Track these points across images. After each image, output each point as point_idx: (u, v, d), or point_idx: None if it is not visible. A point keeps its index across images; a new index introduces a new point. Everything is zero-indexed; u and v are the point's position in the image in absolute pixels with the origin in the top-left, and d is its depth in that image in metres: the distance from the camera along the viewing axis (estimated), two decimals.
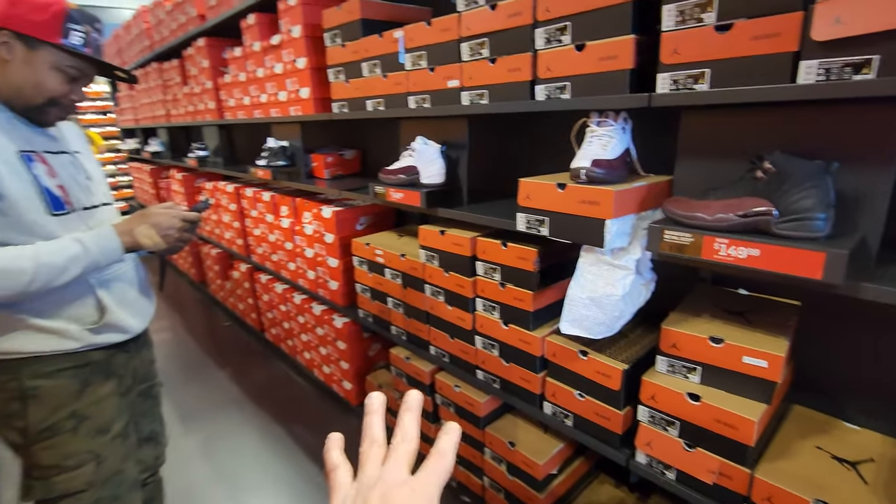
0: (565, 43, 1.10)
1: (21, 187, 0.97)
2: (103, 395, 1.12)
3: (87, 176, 1.16)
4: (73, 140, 1.20)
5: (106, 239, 1.02)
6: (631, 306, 1.10)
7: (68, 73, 1.02)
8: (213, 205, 1.17)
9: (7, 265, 0.90)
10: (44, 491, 1.07)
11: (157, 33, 3.71)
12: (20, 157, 0.99)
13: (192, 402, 2.60)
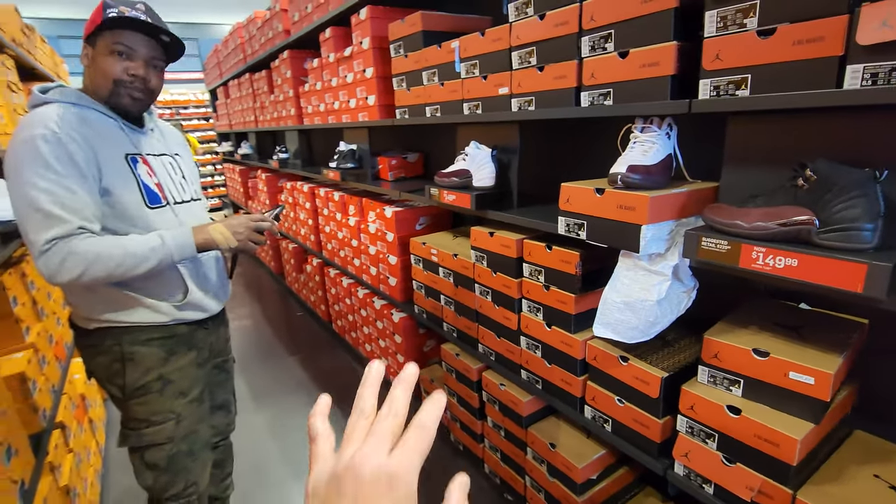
0: (609, 50, 1.11)
1: (125, 185, 1.14)
2: (184, 364, 1.29)
3: (182, 175, 1.34)
4: (175, 145, 1.39)
5: (182, 237, 1.16)
6: (669, 313, 1.09)
7: (117, 51, 1.13)
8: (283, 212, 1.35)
9: (101, 251, 1.06)
10: (135, 440, 1.26)
11: (249, 47, 4.08)
12: (127, 159, 1.17)
13: (265, 383, 2.86)
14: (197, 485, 1.35)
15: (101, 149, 1.11)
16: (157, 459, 1.27)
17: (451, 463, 2.11)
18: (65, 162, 1.05)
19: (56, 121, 1.07)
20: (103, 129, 1.15)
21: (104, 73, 1.14)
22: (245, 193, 5.17)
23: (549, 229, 1.33)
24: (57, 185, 1.03)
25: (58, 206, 1.03)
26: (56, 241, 1.04)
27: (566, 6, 1.19)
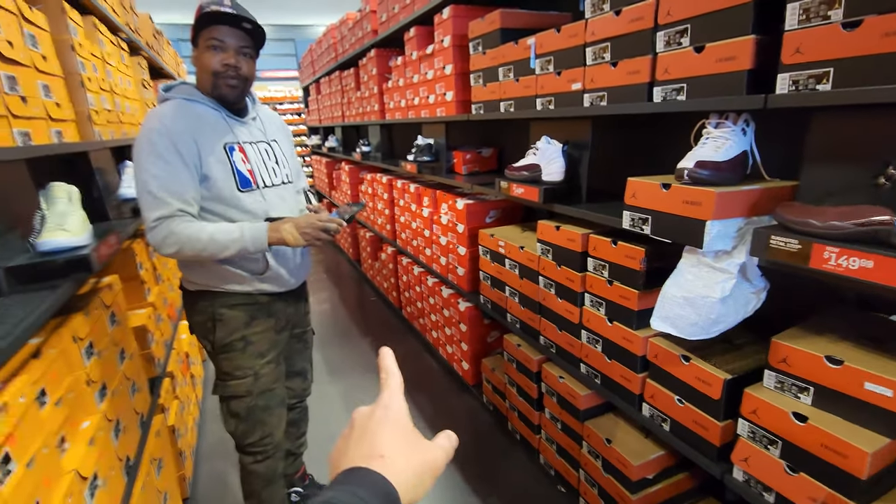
0: (684, 45, 1.10)
1: (221, 171, 1.30)
2: (263, 329, 1.45)
3: (276, 161, 1.47)
4: (275, 131, 1.52)
5: (258, 232, 1.28)
6: (734, 313, 1.07)
7: (212, 46, 1.28)
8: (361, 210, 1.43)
9: (192, 234, 1.23)
10: (221, 390, 1.46)
11: (340, 46, 4.36)
12: (225, 148, 1.33)
13: (339, 359, 3.08)
14: (272, 436, 1.51)
15: (203, 140, 1.28)
16: (238, 409, 1.45)
17: (509, 451, 2.17)
18: (171, 152, 1.22)
19: (168, 116, 1.25)
20: (208, 120, 1.32)
21: (205, 68, 1.30)
22: (329, 184, 5.52)
23: (614, 224, 1.34)
24: (164, 172, 1.22)
25: (163, 190, 1.22)
26: (161, 220, 1.22)
27: (642, 2, 1.19)
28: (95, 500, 1.06)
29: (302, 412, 1.83)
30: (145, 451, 1.44)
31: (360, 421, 0.43)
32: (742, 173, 1.09)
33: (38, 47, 1.26)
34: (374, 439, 0.41)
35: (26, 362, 0.97)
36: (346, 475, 0.38)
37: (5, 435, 0.79)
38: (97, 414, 1.18)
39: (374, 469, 0.37)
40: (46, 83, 1.27)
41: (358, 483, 0.37)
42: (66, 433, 1.04)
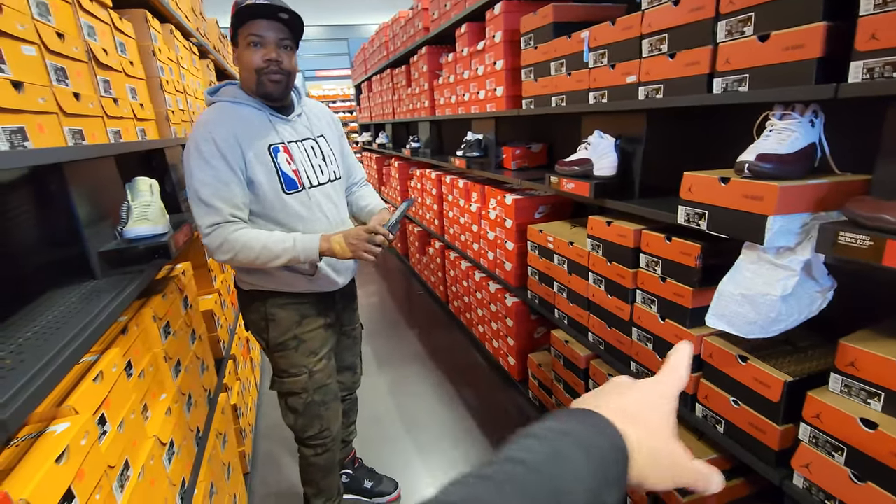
0: (748, 34, 1.06)
1: (266, 174, 1.30)
2: (315, 328, 1.47)
3: (323, 157, 1.44)
4: (321, 126, 1.49)
5: (309, 243, 1.29)
6: (796, 312, 1.02)
7: (252, 42, 1.25)
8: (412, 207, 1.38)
9: (246, 242, 1.25)
10: (278, 386, 1.50)
11: (392, 44, 4.45)
12: (270, 150, 1.31)
13: (387, 351, 3.17)
14: (330, 430, 1.55)
15: (248, 143, 1.27)
16: (296, 405, 1.49)
17: None
18: (218, 159, 1.23)
19: (213, 122, 1.25)
20: (253, 122, 1.31)
21: (247, 66, 1.28)
22: (379, 180, 5.65)
23: (668, 220, 1.31)
24: (214, 179, 1.23)
25: (215, 197, 1.23)
26: (216, 227, 1.25)
27: None
28: (172, 464, 1.17)
29: (352, 403, 1.89)
30: (212, 425, 1.56)
31: (619, 382, 0.41)
32: (809, 166, 1.04)
33: (126, 53, 1.39)
34: (625, 398, 0.38)
35: (116, 337, 1.08)
36: (579, 413, 0.35)
37: (102, 398, 0.89)
38: (173, 387, 1.30)
39: (616, 424, 0.34)
40: (133, 86, 1.40)
41: (586, 421, 0.34)
42: (148, 403, 1.15)
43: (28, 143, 0.79)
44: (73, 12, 1.06)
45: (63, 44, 0.97)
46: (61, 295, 1.08)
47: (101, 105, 1.13)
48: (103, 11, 1.24)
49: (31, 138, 0.80)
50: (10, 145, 0.74)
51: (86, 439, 0.77)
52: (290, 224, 1.36)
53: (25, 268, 1.15)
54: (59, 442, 0.72)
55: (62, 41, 0.97)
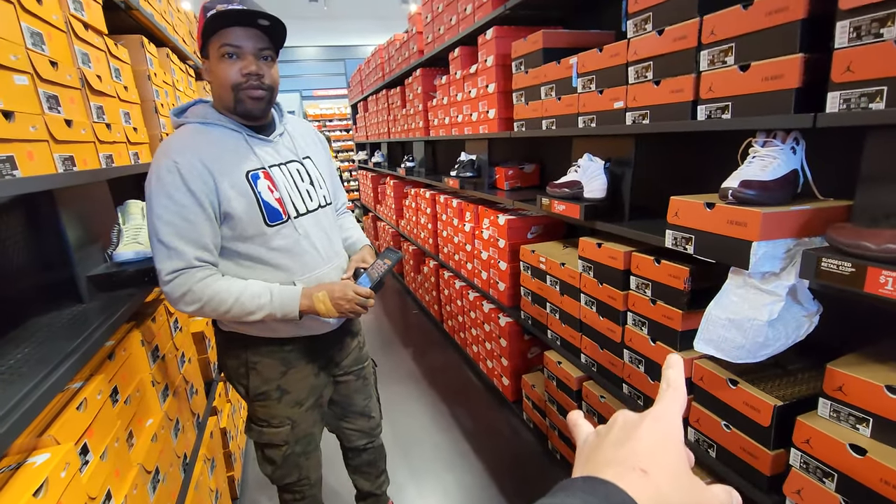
0: (729, 64, 1.09)
1: (245, 206, 1.12)
2: (301, 377, 1.31)
3: (311, 181, 1.27)
4: (307, 146, 1.33)
5: (289, 301, 1.15)
6: (783, 337, 1.03)
7: (226, 53, 1.08)
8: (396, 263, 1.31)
9: (215, 294, 1.10)
10: (257, 436, 1.34)
11: (387, 66, 4.52)
12: (248, 177, 1.14)
13: (381, 370, 3.09)
14: (309, 478, 1.43)
15: (221, 172, 1.10)
16: (275, 457, 1.35)
17: (549, 470, 2.14)
18: (183, 192, 1.06)
19: (177, 148, 1.09)
20: (227, 147, 1.14)
21: (222, 82, 1.11)
22: (374, 198, 5.68)
23: (656, 242, 1.32)
24: (176, 216, 1.06)
25: (176, 238, 1.07)
26: (177, 274, 1.09)
27: (686, 21, 1.19)
28: (157, 493, 1.15)
29: (377, 451, 1.64)
30: (200, 450, 1.54)
31: (624, 422, 0.37)
32: (791, 192, 1.06)
33: (121, 79, 1.41)
34: (637, 447, 0.34)
35: (103, 363, 1.07)
36: (589, 484, 0.31)
37: (86, 427, 0.88)
38: (160, 413, 1.28)
39: (624, 487, 0.30)
40: (127, 110, 1.41)
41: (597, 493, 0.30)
42: (134, 429, 1.13)
43: (17, 171, 0.79)
44: (67, 40, 1.08)
45: (56, 72, 0.99)
46: (47, 320, 1.07)
47: (94, 131, 1.14)
48: (98, 39, 1.26)
49: (20, 166, 0.80)
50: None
51: (66, 471, 0.76)
52: (276, 261, 1.19)
53: (11, 291, 1.15)
54: (38, 474, 0.71)
55: (55, 69, 0.99)
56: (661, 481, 0.32)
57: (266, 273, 1.20)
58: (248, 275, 1.19)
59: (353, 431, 1.53)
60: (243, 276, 1.18)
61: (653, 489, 0.31)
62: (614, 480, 0.31)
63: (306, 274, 1.24)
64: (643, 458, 0.33)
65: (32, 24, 0.92)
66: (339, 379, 1.46)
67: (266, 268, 1.19)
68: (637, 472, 0.31)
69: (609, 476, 0.31)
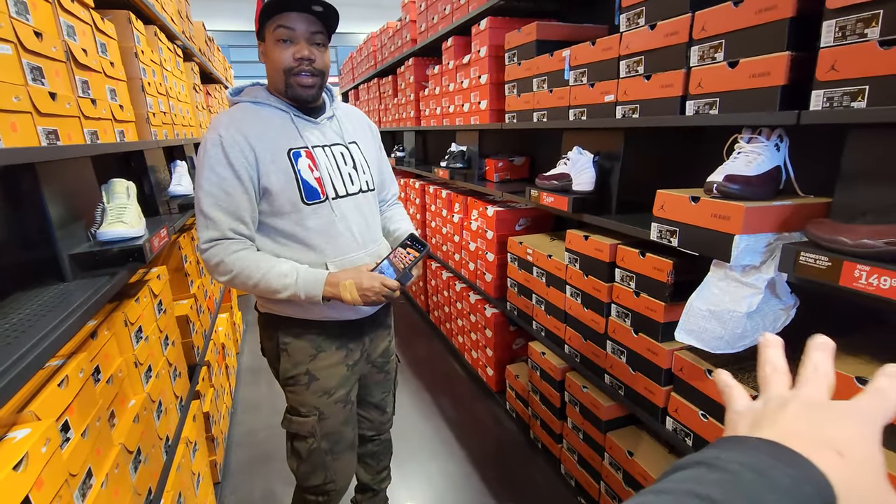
0: (718, 60, 1.11)
1: (284, 182, 1.15)
2: (331, 363, 1.29)
3: (353, 165, 1.28)
4: (355, 131, 1.34)
5: (314, 283, 1.15)
6: (761, 328, 1.06)
7: (281, 38, 1.12)
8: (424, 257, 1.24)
9: (245, 268, 1.14)
10: (286, 425, 1.34)
11: (379, 54, 4.48)
12: (289, 154, 1.17)
13: None
14: (335, 482, 1.36)
15: (264, 147, 1.14)
16: (300, 449, 1.32)
17: (531, 459, 2.17)
18: (224, 165, 1.11)
19: (225, 124, 1.13)
20: (272, 125, 1.18)
21: (275, 66, 1.15)
22: None
23: (643, 235, 1.34)
24: (217, 188, 1.11)
25: (215, 207, 1.12)
26: (213, 244, 1.14)
27: (678, 16, 1.20)
28: (138, 473, 1.14)
29: (382, 445, 1.62)
30: (182, 433, 1.53)
31: (807, 399, 0.32)
32: (774, 188, 1.08)
33: (107, 54, 1.38)
34: (826, 426, 0.29)
35: (85, 341, 1.06)
36: (772, 447, 0.27)
37: (67, 404, 0.87)
38: (142, 394, 1.27)
39: (817, 464, 0.26)
40: (113, 87, 1.38)
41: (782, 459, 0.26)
42: (115, 409, 1.13)
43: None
44: (52, 11, 1.05)
45: (41, 43, 0.96)
46: (29, 297, 1.06)
47: (79, 105, 1.12)
48: (84, 12, 1.23)
49: (2, 137, 0.78)
50: None
51: (46, 446, 0.76)
52: (310, 241, 1.21)
53: None
54: (18, 449, 0.70)
55: (40, 40, 0.96)
56: (859, 473, 0.27)
57: (300, 252, 1.21)
58: (283, 252, 1.21)
59: (364, 420, 1.52)
60: (279, 253, 1.21)
61: (850, 477, 0.27)
62: (805, 454, 0.27)
63: (339, 257, 1.24)
64: (837, 438, 0.28)
65: None
66: (365, 370, 1.45)
67: (300, 247, 1.21)
68: (833, 453, 0.27)
69: (797, 448, 0.27)
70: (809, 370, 0.34)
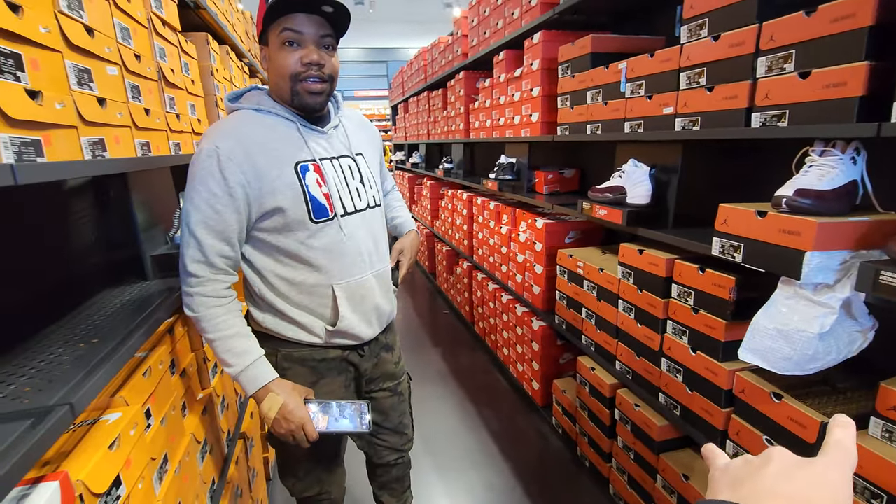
0: (788, 71, 1.07)
1: (291, 198, 1.05)
2: (331, 390, 1.23)
3: (361, 179, 1.19)
4: (361, 142, 1.24)
5: (252, 379, 1.08)
6: (835, 352, 1.00)
7: (287, 40, 1.02)
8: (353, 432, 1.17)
9: (207, 325, 1.06)
10: (278, 445, 1.27)
11: (430, 68, 4.59)
12: (297, 168, 1.07)
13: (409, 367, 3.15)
14: (330, 493, 1.36)
15: (267, 162, 1.04)
16: (297, 469, 1.30)
17: (577, 477, 2.12)
18: (217, 180, 1.00)
19: (222, 133, 1.03)
20: (277, 135, 1.08)
21: (280, 72, 1.05)
22: (410, 198, 5.75)
23: (702, 251, 1.31)
24: (206, 204, 1.01)
25: (201, 226, 1.01)
26: (192, 278, 1.05)
27: (743, 27, 1.18)
28: (204, 463, 1.21)
29: (404, 467, 1.52)
30: (241, 428, 1.61)
31: (786, 460, 0.35)
32: (849, 204, 1.03)
33: (189, 73, 1.50)
34: (809, 491, 0.32)
35: (163, 337, 1.14)
36: None
37: (150, 393, 0.95)
38: (209, 389, 1.35)
39: None
40: (193, 103, 1.50)
41: None
42: (186, 401, 1.20)
43: (106, 153, 0.87)
44: (149, 35, 1.16)
45: (139, 64, 1.07)
46: (116, 294, 1.16)
47: (167, 120, 1.22)
48: (173, 35, 1.35)
49: (108, 149, 0.87)
50: (92, 154, 0.81)
51: (134, 430, 0.83)
52: (316, 262, 1.11)
53: (86, 266, 1.24)
54: (112, 430, 0.77)
55: (139, 62, 1.07)
56: None
57: (304, 273, 1.12)
58: (286, 273, 1.12)
59: (385, 448, 1.43)
60: (281, 273, 1.12)
61: None
62: None
63: (346, 279, 1.15)
64: (815, 502, 0.30)
65: (122, 20, 1.00)
66: (374, 395, 1.37)
67: (305, 267, 1.12)
68: None
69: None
70: (830, 444, 0.35)
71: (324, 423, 1.13)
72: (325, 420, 1.14)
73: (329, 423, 1.14)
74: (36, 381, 0.72)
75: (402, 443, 1.46)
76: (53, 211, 1.16)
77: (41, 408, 0.64)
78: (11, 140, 0.62)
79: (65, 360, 0.79)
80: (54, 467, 0.67)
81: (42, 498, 0.59)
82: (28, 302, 1.04)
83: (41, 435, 0.58)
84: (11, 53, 0.64)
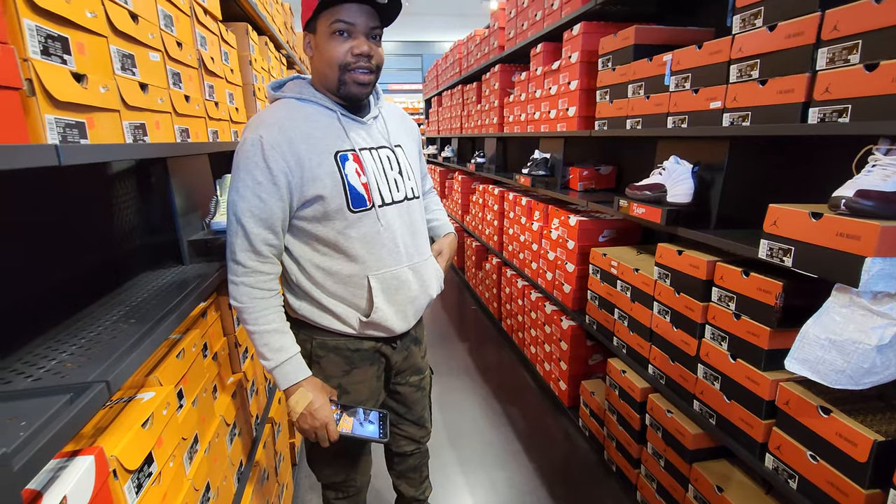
0: (853, 62, 1.00)
1: (331, 187, 1.06)
2: (363, 379, 1.25)
3: (399, 170, 1.19)
4: (400, 133, 1.25)
5: (287, 373, 1.10)
6: (894, 366, 0.93)
7: (338, 30, 1.02)
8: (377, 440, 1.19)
9: (248, 316, 1.08)
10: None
11: (465, 61, 4.55)
12: (336, 158, 1.07)
13: (435, 362, 3.18)
14: (355, 480, 1.38)
15: (309, 151, 1.05)
16: (325, 456, 1.31)
17: (603, 481, 2.07)
18: (261, 169, 1.01)
19: (266, 123, 1.04)
20: (318, 125, 1.08)
21: (329, 61, 1.04)
22: (441, 193, 5.75)
23: (746, 253, 1.24)
24: (251, 192, 1.02)
25: (248, 214, 1.03)
26: (239, 267, 1.06)
27: (804, 16, 1.10)
28: (233, 445, 1.24)
29: (422, 456, 1.56)
30: (269, 412, 1.64)
31: None
32: None
33: (228, 62, 1.52)
34: None
35: (196, 320, 1.17)
36: None
37: (182, 374, 0.97)
38: (240, 373, 1.37)
39: None
40: (231, 91, 1.52)
41: None
42: (217, 384, 1.23)
43: (146, 137, 0.88)
44: (190, 23, 1.18)
45: (181, 52, 1.09)
46: (155, 276, 1.19)
47: (205, 107, 1.24)
48: (214, 24, 1.37)
49: (149, 133, 0.89)
50: (133, 139, 0.83)
51: (167, 410, 0.84)
52: (352, 251, 1.12)
53: (127, 248, 1.28)
54: (146, 409, 0.79)
55: (180, 49, 1.08)
56: None
57: (340, 263, 1.13)
58: (322, 262, 1.13)
59: (404, 438, 1.47)
60: (318, 262, 1.13)
61: None
62: None
63: (381, 270, 1.15)
64: None
65: (165, 7, 1.02)
66: (399, 388, 1.38)
67: (341, 257, 1.12)
68: None
69: None
70: None
71: (345, 426, 1.16)
72: (346, 423, 1.16)
73: (353, 426, 1.16)
74: (77, 358, 0.74)
75: (421, 435, 1.50)
76: (99, 193, 1.20)
77: (80, 384, 0.65)
78: (57, 121, 0.63)
79: (104, 338, 0.81)
80: (90, 441, 0.69)
81: (78, 471, 0.60)
82: (74, 281, 1.07)
83: (78, 410, 0.59)
84: (59, 37, 0.65)
